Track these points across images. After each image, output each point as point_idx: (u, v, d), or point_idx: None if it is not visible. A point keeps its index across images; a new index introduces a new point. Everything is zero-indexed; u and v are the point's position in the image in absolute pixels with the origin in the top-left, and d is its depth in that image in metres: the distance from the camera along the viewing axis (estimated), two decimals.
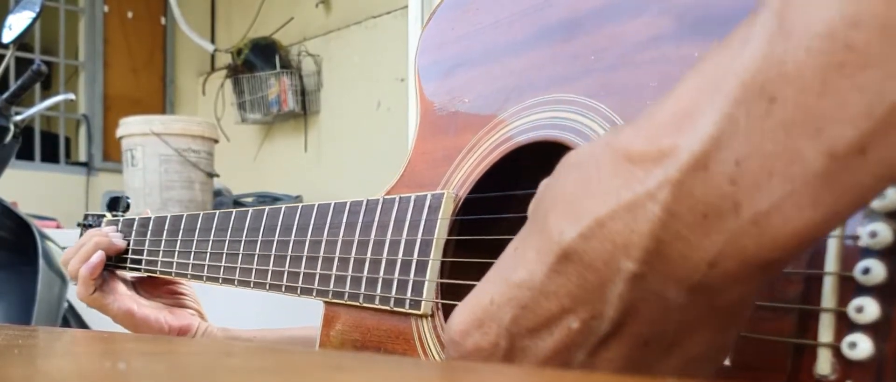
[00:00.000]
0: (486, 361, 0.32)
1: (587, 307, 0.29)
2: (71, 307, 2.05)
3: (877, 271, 0.32)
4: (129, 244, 0.89)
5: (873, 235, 0.32)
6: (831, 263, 0.34)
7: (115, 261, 0.89)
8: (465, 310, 0.33)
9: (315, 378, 0.26)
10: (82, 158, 4.14)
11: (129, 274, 0.91)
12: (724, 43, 0.27)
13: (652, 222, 0.27)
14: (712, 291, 0.27)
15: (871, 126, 0.24)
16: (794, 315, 0.35)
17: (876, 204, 0.33)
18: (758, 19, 0.26)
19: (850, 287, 0.33)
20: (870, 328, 0.32)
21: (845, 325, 0.33)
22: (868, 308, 0.32)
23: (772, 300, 0.36)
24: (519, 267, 0.31)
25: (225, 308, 1.37)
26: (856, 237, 0.33)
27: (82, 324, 2.12)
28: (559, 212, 0.29)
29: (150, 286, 0.91)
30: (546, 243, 0.29)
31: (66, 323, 1.97)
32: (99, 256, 0.86)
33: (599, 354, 0.30)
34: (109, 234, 0.89)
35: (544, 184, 0.32)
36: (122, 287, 0.88)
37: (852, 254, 0.33)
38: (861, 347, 0.32)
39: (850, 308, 0.33)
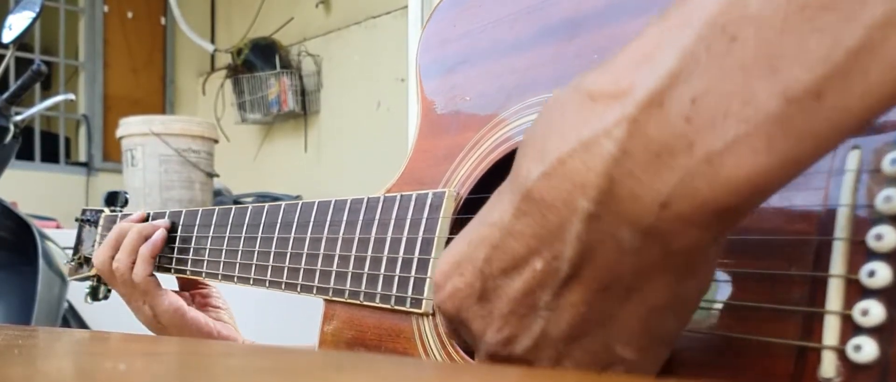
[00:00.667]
0: (463, 303, 0.32)
1: (549, 247, 0.29)
2: (71, 308, 2.05)
3: (882, 274, 0.32)
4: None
5: (879, 238, 0.32)
6: (837, 265, 0.34)
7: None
8: (446, 255, 0.34)
9: (315, 378, 0.26)
10: (82, 158, 4.14)
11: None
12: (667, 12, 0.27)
13: (606, 160, 0.27)
14: (665, 234, 0.27)
15: (827, 70, 0.23)
16: (799, 318, 0.35)
17: (882, 206, 0.32)
18: None
19: (855, 290, 0.33)
20: (875, 332, 0.32)
21: (850, 328, 0.33)
22: (873, 311, 0.32)
23: (776, 303, 0.36)
24: (494, 209, 0.31)
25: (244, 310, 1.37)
26: (862, 240, 0.33)
27: (82, 324, 2.12)
28: (528, 154, 0.29)
29: (184, 300, 0.83)
30: (516, 184, 0.30)
31: (66, 323, 1.97)
32: (161, 233, 0.79)
33: (563, 296, 0.30)
34: (155, 223, 0.81)
35: (525, 130, 0.31)
36: (161, 286, 0.80)
37: (858, 257, 0.33)
38: (866, 350, 0.32)
39: (856, 311, 0.32)
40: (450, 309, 0.33)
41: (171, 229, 0.82)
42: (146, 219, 0.86)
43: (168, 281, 0.84)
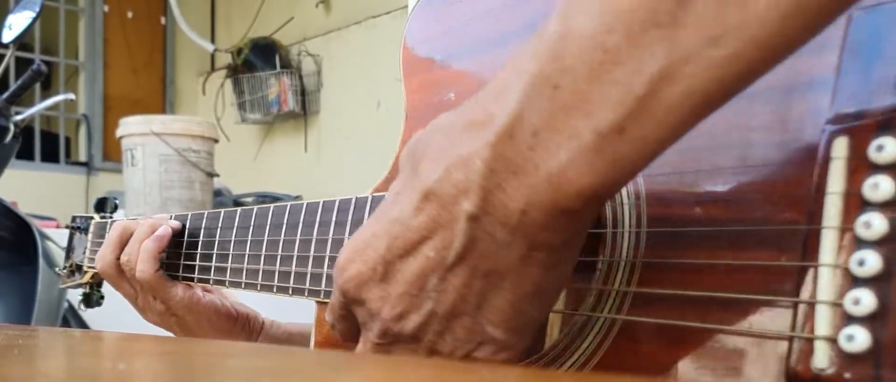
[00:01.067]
0: (365, 284, 0.38)
1: (439, 238, 0.36)
2: (71, 308, 2.05)
3: (872, 262, 0.32)
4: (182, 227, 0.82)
5: (867, 225, 0.32)
6: (827, 255, 0.34)
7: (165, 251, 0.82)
8: (350, 243, 0.40)
9: (315, 378, 0.26)
10: (82, 158, 4.14)
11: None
12: (534, 35, 0.34)
13: (480, 174, 0.34)
14: (528, 233, 0.34)
15: (624, 111, 0.31)
16: (791, 310, 0.35)
17: (871, 195, 0.32)
18: (551, 21, 0.33)
19: (846, 279, 0.33)
20: (867, 320, 0.32)
21: (842, 318, 0.33)
22: (864, 300, 0.32)
23: (768, 294, 0.36)
24: (394, 207, 0.38)
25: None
26: (851, 228, 0.33)
27: (82, 324, 2.12)
28: (428, 161, 0.36)
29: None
30: (417, 184, 0.36)
31: (65, 323, 1.97)
32: (165, 229, 0.76)
33: (448, 280, 0.36)
34: (156, 225, 0.78)
35: (415, 139, 0.39)
36: (168, 279, 0.78)
37: (847, 246, 0.33)
38: (858, 339, 0.32)
39: (847, 301, 0.32)
40: (351, 290, 0.39)
41: (180, 234, 0.79)
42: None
43: None
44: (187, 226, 0.78)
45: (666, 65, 0.30)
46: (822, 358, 0.33)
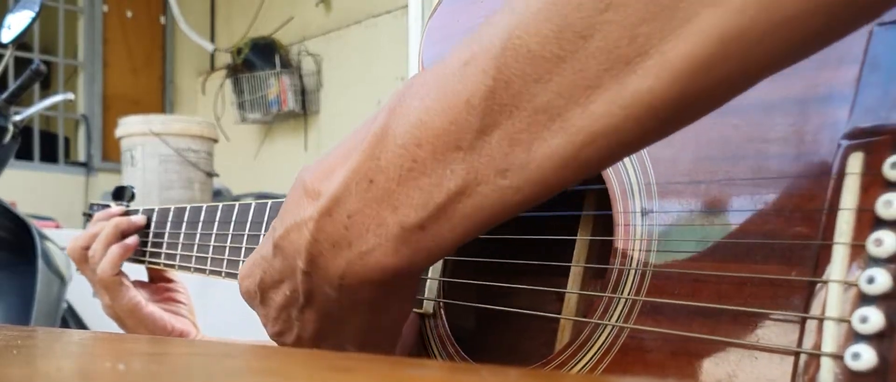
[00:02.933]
0: (251, 302, 0.47)
1: (288, 283, 0.43)
2: (70, 308, 2.05)
3: (881, 280, 0.32)
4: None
5: (879, 243, 0.32)
6: (836, 271, 0.33)
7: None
8: (247, 260, 0.47)
9: (315, 378, 0.26)
10: (81, 158, 4.14)
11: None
12: (364, 124, 0.38)
13: (307, 241, 0.39)
14: (350, 292, 0.39)
15: (426, 214, 0.35)
16: (798, 325, 0.35)
17: (884, 213, 0.32)
18: (379, 115, 0.37)
19: (854, 296, 0.33)
20: (874, 339, 0.32)
21: (849, 335, 0.32)
22: (872, 319, 0.32)
23: (776, 308, 0.36)
24: (265, 244, 0.45)
25: (222, 308, 1.38)
26: (862, 245, 0.33)
27: (81, 324, 2.11)
28: (280, 216, 0.42)
29: (148, 291, 0.90)
30: (273, 234, 0.42)
31: (64, 324, 1.97)
32: (134, 239, 0.84)
33: (304, 314, 0.43)
34: (132, 220, 0.86)
35: (299, 174, 0.43)
36: (127, 281, 0.86)
37: (857, 263, 0.33)
38: (865, 357, 0.32)
39: (855, 318, 0.32)
40: (246, 301, 0.48)
41: (147, 225, 0.86)
42: (126, 214, 0.90)
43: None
44: (154, 219, 0.85)
45: (462, 183, 0.34)
46: (827, 375, 0.33)
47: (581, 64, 0.31)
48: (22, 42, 1.56)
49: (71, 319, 2.08)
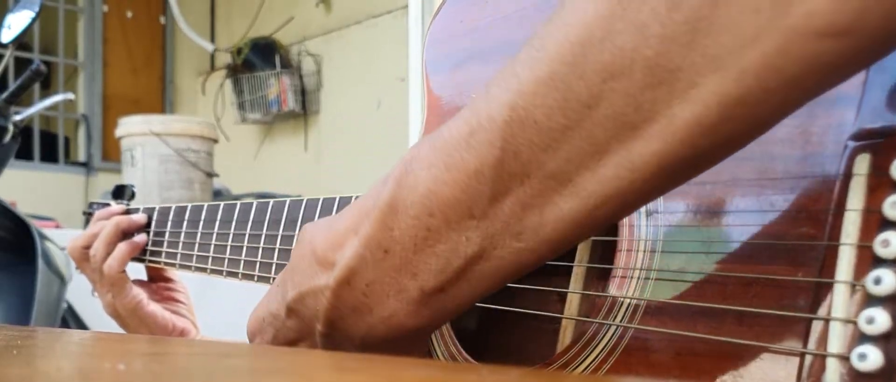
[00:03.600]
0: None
1: (307, 342, 0.44)
2: (70, 308, 2.05)
3: (888, 281, 0.31)
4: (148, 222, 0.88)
5: (886, 243, 0.32)
6: (843, 271, 0.33)
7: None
8: (252, 318, 0.48)
9: (316, 378, 0.26)
10: (81, 158, 4.14)
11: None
12: (370, 194, 0.39)
13: (325, 307, 0.40)
14: (370, 348, 0.40)
15: (445, 278, 0.36)
16: (804, 325, 0.34)
17: (891, 214, 0.32)
18: (385, 185, 0.37)
19: (861, 297, 0.33)
20: (880, 340, 0.32)
21: (855, 336, 0.32)
22: (879, 319, 0.31)
23: (782, 308, 0.35)
24: (273, 302, 0.45)
25: (222, 308, 1.38)
26: (869, 246, 0.33)
27: (81, 324, 2.11)
28: (293, 283, 0.43)
29: (148, 290, 0.90)
30: (286, 297, 0.43)
31: (65, 324, 1.97)
32: (142, 238, 0.85)
33: None
34: (133, 218, 0.87)
35: (300, 236, 0.44)
36: (129, 280, 0.86)
37: (864, 264, 0.33)
38: (871, 359, 0.31)
39: (861, 319, 0.32)
40: None
41: (147, 224, 0.86)
42: (126, 213, 0.90)
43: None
44: (155, 218, 0.84)
45: (479, 249, 0.35)
46: (833, 376, 0.33)
47: (588, 132, 0.31)
48: (22, 42, 1.56)
49: (71, 319, 2.08)
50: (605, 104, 0.31)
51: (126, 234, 0.86)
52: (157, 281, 0.90)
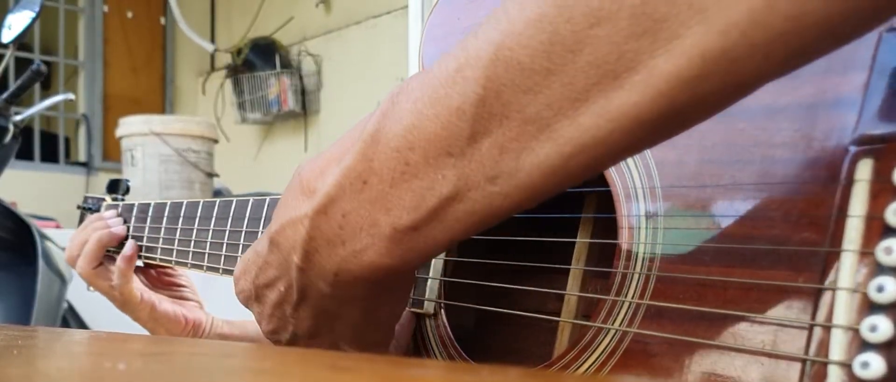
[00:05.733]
0: (246, 300, 0.48)
1: (283, 280, 0.43)
2: (70, 308, 2.05)
3: (891, 289, 0.31)
4: (128, 230, 0.88)
5: (888, 251, 0.32)
6: (845, 278, 0.33)
7: (116, 249, 0.88)
8: (241, 260, 0.48)
9: (315, 378, 0.26)
10: (82, 158, 4.14)
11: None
12: (359, 124, 0.39)
13: (302, 238, 0.40)
14: (344, 288, 0.40)
15: (418, 216, 0.36)
16: (805, 332, 0.34)
17: (893, 221, 0.32)
18: (372, 116, 0.37)
19: (863, 305, 0.32)
20: (883, 348, 0.31)
21: (858, 343, 0.32)
22: (881, 327, 0.31)
23: (783, 314, 0.35)
24: (261, 241, 0.45)
25: (225, 302, 1.37)
26: (871, 253, 0.32)
27: (82, 324, 2.12)
28: (277, 213, 0.42)
29: (153, 280, 0.90)
30: (269, 229, 0.43)
31: (65, 323, 1.97)
32: (131, 245, 0.85)
33: (298, 312, 0.44)
34: (110, 223, 0.87)
35: (297, 169, 0.43)
36: (137, 281, 0.86)
37: (866, 271, 0.33)
38: (873, 367, 0.31)
39: (863, 327, 0.32)
40: (241, 301, 0.49)
41: (143, 220, 0.86)
42: (117, 209, 0.91)
43: None
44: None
45: (454, 189, 0.35)
46: None
47: (570, 77, 0.31)
48: (22, 42, 1.56)
49: (71, 319, 2.08)
50: (588, 50, 0.31)
51: (110, 246, 0.87)
52: (155, 267, 0.90)
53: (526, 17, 0.32)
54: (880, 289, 0.32)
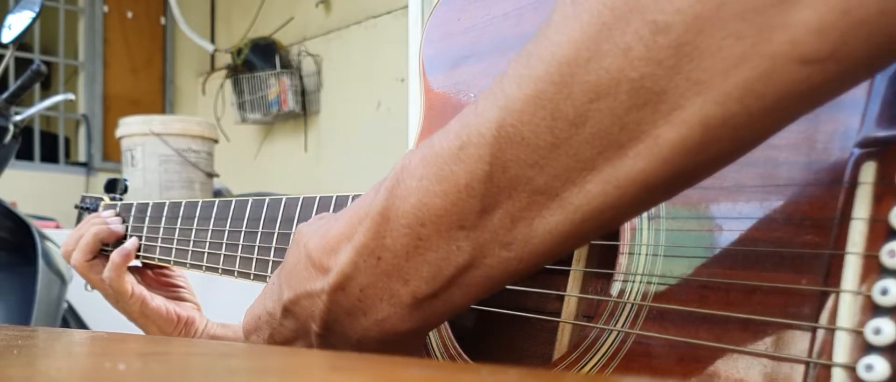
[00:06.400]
0: None
1: (303, 340, 0.45)
2: (70, 308, 2.05)
3: (895, 291, 0.31)
4: (126, 230, 0.88)
5: (892, 254, 0.32)
6: (849, 281, 0.33)
7: (112, 246, 0.88)
8: (248, 316, 0.49)
9: (315, 378, 0.26)
10: (82, 158, 4.14)
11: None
12: (363, 201, 0.40)
13: (321, 310, 0.41)
14: (367, 349, 0.41)
15: (436, 285, 0.37)
16: (809, 334, 0.34)
17: None
18: (378, 194, 0.38)
19: (867, 308, 0.32)
20: (887, 351, 0.31)
21: (862, 346, 0.32)
22: (885, 330, 0.31)
23: (787, 317, 0.35)
24: (269, 301, 0.46)
25: (225, 302, 1.38)
26: (875, 256, 0.32)
27: (81, 324, 2.11)
28: (289, 285, 0.44)
29: (149, 279, 0.90)
30: (280, 298, 0.44)
31: (65, 324, 1.97)
32: (133, 242, 0.86)
33: None
34: (108, 220, 0.87)
35: (297, 235, 0.45)
36: (129, 276, 0.86)
37: (870, 274, 0.32)
38: (878, 369, 0.31)
39: (867, 330, 0.32)
40: None
41: (141, 219, 0.86)
42: (116, 208, 0.91)
43: None
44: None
45: (469, 258, 0.36)
46: None
47: (575, 149, 0.32)
48: (22, 42, 1.56)
49: (71, 319, 2.08)
50: (591, 123, 0.31)
51: (106, 242, 0.87)
52: (152, 268, 0.90)
53: (525, 94, 0.33)
54: (884, 292, 0.32)
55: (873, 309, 0.32)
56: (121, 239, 0.88)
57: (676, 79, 0.29)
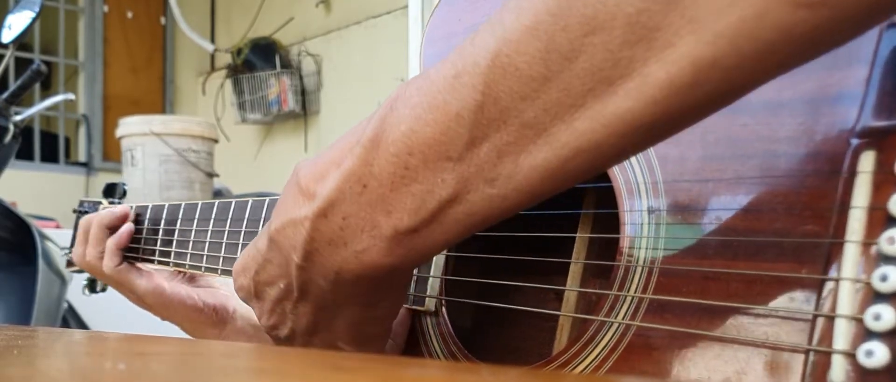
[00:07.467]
0: (246, 296, 0.49)
1: (283, 278, 0.44)
2: (70, 308, 2.05)
3: (894, 278, 0.31)
4: (129, 216, 0.87)
5: (892, 241, 0.32)
6: (849, 269, 0.33)
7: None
8: (241, 256, 0.49)
9: (315, 378, 0.26)
10: (82, 158, 4.14)
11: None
12: (356, 129, 0.40)
13: (303, 238, 0.41)
14: (344, 285, 0.41)
15: (418, 219, 0.37)
16: (809, 322, 0.34)
17: (895, 210, 0.32)
18: (371, 121, 0.38)
19: (867, 294, 0.33)
20: (887, 336, 0.32)
21: (862, 333, 0.32)
22: (885, 316, 0.31)
23: (786, 306, 0.35)
24: (261, 238, 0.46)
25: None
26: (874, 243, 0.33)
27: (82, 324, 2.12)
28: (277, 212, 0.43)
29: (167, 272, 0.85)
30: (268, 229, 0.44)
31: (65, 324, 1.97)
32: (128, 227, 0.83)
33: (298, 308, 0.45)
34: (114, 211, 0.85)
35: (296, 168, 0.44)
36: (143, 267, 0.84)
37: (869, 261, 0.33)
38: (877, 355, 0.31)
39: (867, 316, 0.32)
40: (241, 297, 0.50)
41: (137, 221, 0.85)
42: (125, 214, 0.88)
43: None
44: (148, 216, 0.83)
45: (453, 192, 0.36)
46: (838, 373, 0.33)
47: (566, 84, 0.32)
48: (22, 42, 1.56)
49: (71, 319, 2.08)
50: (584, 58, 0.31)
51: (113, 229, 0.84)
52: None
53: (522, 24, 0.33)
54: (884, 278, 0.32)
55: (873, 296, 0.32)
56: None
57: (672, 15, 0.29)
